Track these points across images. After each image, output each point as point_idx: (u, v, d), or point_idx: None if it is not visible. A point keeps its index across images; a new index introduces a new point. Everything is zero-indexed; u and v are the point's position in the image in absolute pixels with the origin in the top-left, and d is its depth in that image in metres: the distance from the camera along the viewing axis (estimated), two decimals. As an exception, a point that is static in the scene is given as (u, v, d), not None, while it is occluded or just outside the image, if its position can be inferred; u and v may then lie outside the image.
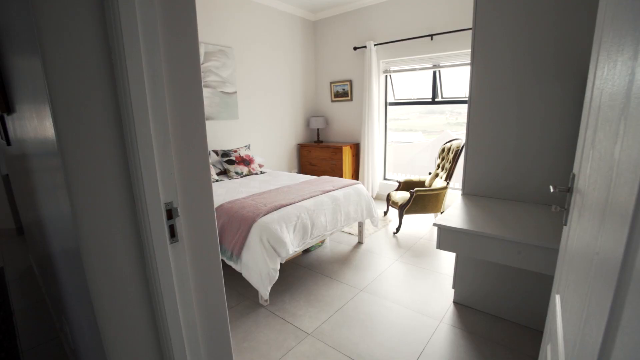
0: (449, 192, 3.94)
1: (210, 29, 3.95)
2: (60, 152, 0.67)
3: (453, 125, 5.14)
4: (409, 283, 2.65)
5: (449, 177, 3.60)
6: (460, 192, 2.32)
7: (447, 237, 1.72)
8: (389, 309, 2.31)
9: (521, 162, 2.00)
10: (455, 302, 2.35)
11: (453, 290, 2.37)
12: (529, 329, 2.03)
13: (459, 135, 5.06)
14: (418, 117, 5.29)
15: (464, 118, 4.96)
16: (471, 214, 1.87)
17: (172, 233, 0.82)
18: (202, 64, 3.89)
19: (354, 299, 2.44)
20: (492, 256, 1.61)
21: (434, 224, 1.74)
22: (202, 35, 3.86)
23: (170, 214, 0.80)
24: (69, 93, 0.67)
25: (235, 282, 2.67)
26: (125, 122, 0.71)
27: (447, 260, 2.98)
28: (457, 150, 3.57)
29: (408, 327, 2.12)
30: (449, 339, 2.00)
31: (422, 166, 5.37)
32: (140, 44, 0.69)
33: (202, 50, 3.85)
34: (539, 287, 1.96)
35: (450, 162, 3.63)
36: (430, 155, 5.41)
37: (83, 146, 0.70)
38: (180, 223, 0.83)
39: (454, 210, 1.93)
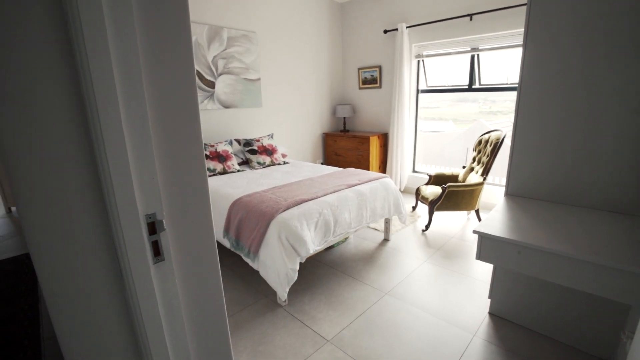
0: (485, 188, 3.63)
1: (233, 12, 3.79)
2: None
3: (486, 114, 4.78)
4: (439, 288, 2.43)
5: (485, 172, 3.29)
6: (500, 190, 2.05)
7: (489, 247, 1.49)
8: (416, 316, 2.12)
9: (583, 159, 1.71)
10: (491, 314, 2.11)
11: (489, 299, 2.13)
12: (580, 352, 1.78)
13: (493, 125, 4.68)
14: (449, 105, 4.94)
15: (498, 106, 4.57)
16: (518, 220, 1.62)
17: (157, 250, 0.67)
18: (225, 50, 3.75)
19: (378, 303, 2.27)
20: (546, 274, 1.37)
21: (474, 231, 1.51)
22: (224, 20, 3.72)
23: (154, 227, 0.66)
24: (5, 73, 0.52)
25: (253, 279, 2.57)
26: (89, 114, 0.56)
27: (482, 263, 2.73)
28: (496, 143, 3.24)
29: (437, 339, 1.92)
30: (484, 357, 1.78)
31: (452, 158, 5.03)
32: (103, 9, 0.53)
33: (224, 35, 3.71)
34: (591, 301, 1.70)
35: (488, 156, 3.31)
36: (462, 146, 5.07)
37: (31, 144, 0.55)
38: (167, 238, 0.69)
39: (496, 214, 1.68)
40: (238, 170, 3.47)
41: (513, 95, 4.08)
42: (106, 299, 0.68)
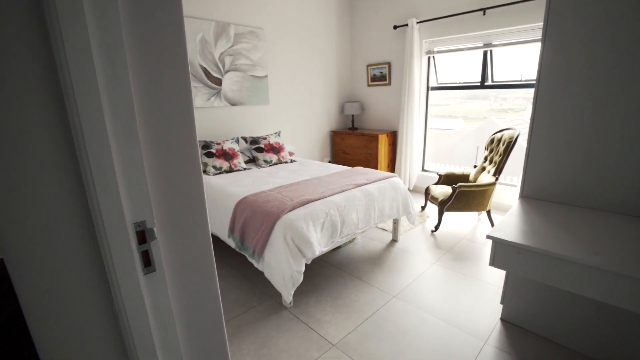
0: (497, 188, 3.52)
1: (241, 9, 3.74)
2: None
3: (497, 111, 4.67)
4: (449, 292, 2.36)
5: (498, 172, 3.19)
6: (512, 191, 1.97)
7: (504, 254, 1.42)
8: (424, 321, 2.06)
9: (606, 161, 1.61)
10: (503, 320, 2.04)
11: (501, 305, 2.05)
12: (598, 362, 1.69)
13: (505, 123, 4.56)
14: (459, 102, 4.84)
15: (510, 104, 4.46)
16: (534, 224, 1.54)
17: (147, 261, 0.63)
18: (232, 46, 3.71)
19: (385, 306, 2.21)
20: (565, 284, 1.29)
21: (488, 236, 1.44)
22: (231, 16, 3.67)
23: (144, 236, 0.61)
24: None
25: (258, 279, 2.53)
26: (69, 113, 0.51)
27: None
28: (509, 142, 3.14)
29: (446, 345, 1.86)
30: (496, 366, 1.71)
31: (462, 156, 4.93)
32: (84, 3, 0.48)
33: (231, 31, 3.67)
34: (609, 309, 1.61)
35: (500, 155, 3.21)
36: (472, 145, 4.96)
37: (4, 145, 0.50)
38: (158, 248, 0.64)
39: (511, 218, 1.60)
40: (244, 169, 3.43)
41: (525, 92, 3.96)
42: (92, 314, 0.64)
